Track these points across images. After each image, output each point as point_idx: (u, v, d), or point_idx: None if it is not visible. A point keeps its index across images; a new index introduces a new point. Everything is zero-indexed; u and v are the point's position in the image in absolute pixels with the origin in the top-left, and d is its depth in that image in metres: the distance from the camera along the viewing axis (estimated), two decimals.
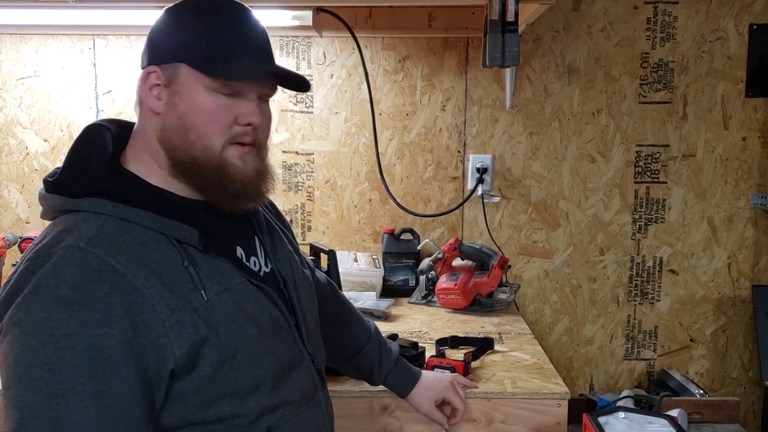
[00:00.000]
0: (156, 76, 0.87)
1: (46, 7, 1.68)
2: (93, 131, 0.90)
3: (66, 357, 0.72)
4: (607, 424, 1.30)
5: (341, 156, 2.13)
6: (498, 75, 2.10)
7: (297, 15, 1.70)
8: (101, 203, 0.82)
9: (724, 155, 2.11)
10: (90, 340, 0.73)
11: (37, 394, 0.72)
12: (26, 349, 0.73)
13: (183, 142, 0.86)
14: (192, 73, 0.86)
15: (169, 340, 0.78)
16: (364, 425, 1.32)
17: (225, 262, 0.88)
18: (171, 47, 0.87)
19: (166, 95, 0.87)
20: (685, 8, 2.05)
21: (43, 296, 0.74)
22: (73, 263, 0.76)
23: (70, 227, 0.80)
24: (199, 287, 0.83)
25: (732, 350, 2.18)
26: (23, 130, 2.11)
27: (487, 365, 1.47)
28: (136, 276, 0.78)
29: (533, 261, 2.16)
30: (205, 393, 0.82)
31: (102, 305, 0.75)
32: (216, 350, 0.81)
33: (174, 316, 0.79)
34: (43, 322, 0.73)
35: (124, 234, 0.81)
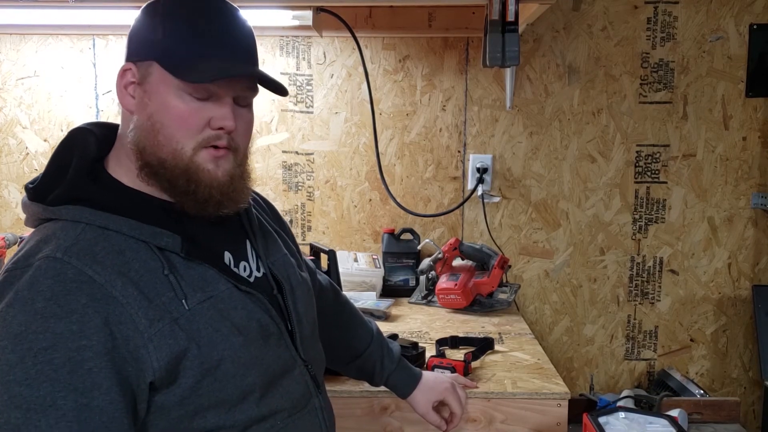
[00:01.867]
0: (131, 74, 0.85)
1: (46, 7, 1.67)
2: (76, 135, 0.88)
3: (45, 371, 0.71)
4: (607, 424, 1.30)
5: (341, 156, 2.13)
6: (498, 75, 2.10)
7: (297, 15, 1.70)
8: (79, 211, 0.81)
9: (724, 155, 2.10)
10: (69, 353, 0.71)
11: (17, 411, 0.70)
12: (4, 365, 0.71)
13: (152, 144, 0.83)
14: (162, 74, 0.83)
15: (147, 352, 0.76)
16: (364, 425, 1.32)
17: (209, 269, 0.85)
18: (145, 44, 0.85)
19: (139, 93, 0.85)
20: (686, 8, 2.05)
21: (20, 309, 0.73)
22: (49, 274, 0.74)
23: (47, 237, 0.79)
24: (180, 296, 0.80)
25: (732, 350, 2.18)
26: (23, 130, 2.11)
27: (487, 365, 1.47)
28: (113, 285, 0.76)
29: (533, 261, 2.16)
30: (188, 405, 0.79)
31: (79, 317, 0.73)
32: (197, 362, 0.79)
33: (153, 327, 0.76)
34: (20, 336, 0.71)
35: (102, 242, 0.79)
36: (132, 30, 0.88)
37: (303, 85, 2.10)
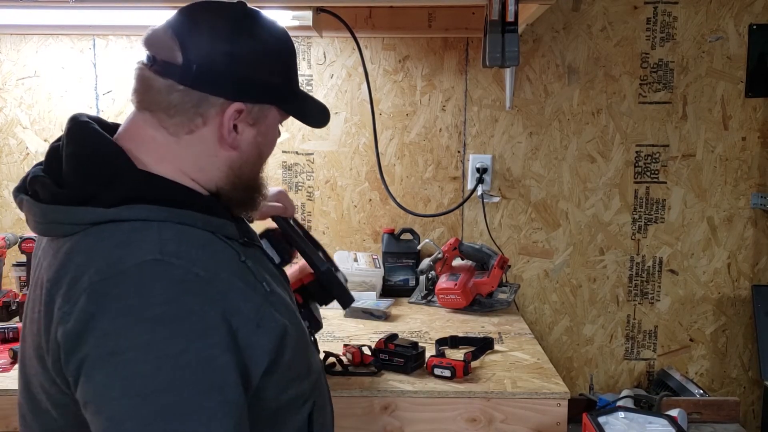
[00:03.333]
0: (241, 114, 0.84)
1: (46, 7, 1.67)
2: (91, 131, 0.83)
3: (185, 376, 0.69)
4: (606, 424, 1.31)
5: (341, 156, 2.13)
6: (498, 75, 2.10)
7: (297, 15, 1.70)
8: (149, 209, 0.77)
9: (723, 155, 2.11)
10: (200, 353, 0.71)
11: (165, 420, 0.68)
12: (138, 377, 0.68)
13: (254, 171, 0.90)
14: (280, 115, 0.89)
15: (258, 338, 0.77)
16: (364, 425, 1.33)
17: (257, 251, 0.91)
18: (263, 88, 0.85)
19: (249, 133, 0.86)
20: (685, 8, 2.05)
21: (135, 319, 0.70)
22: (157, 278, 0.72)
23: (124, 241, 0.74)
24: (261, 279, 0.83)
25: (732, 350, 2.18)
26: (23, 130, 2.12)
27: (487, 365, 1.47)
28: (218, 278, 0.76)
29: (533, 261, 2.16)
30: (281, 382, 0.83)
31: (200, 316, 0.72)
32: (293, 337, 0.83)
33: (258, 313, 0.78)
34: (149, 346, 0.69)
35: (186, 239, 0.77)
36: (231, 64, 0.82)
37: (303, 86, 2.10)
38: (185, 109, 0.82)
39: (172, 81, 0.81)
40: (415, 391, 1.33)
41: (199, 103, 0.81)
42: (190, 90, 0.81)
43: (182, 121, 0.82)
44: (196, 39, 0.81)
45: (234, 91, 0.82)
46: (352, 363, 1.44)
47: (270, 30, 0.87)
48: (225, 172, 0.86)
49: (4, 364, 1.45)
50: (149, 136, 0.84)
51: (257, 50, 0.84)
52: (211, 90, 0.81)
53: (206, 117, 0.82)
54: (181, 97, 0.81)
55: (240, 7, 0.87)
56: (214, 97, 0.82)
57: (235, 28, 0.83)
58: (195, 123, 0.82)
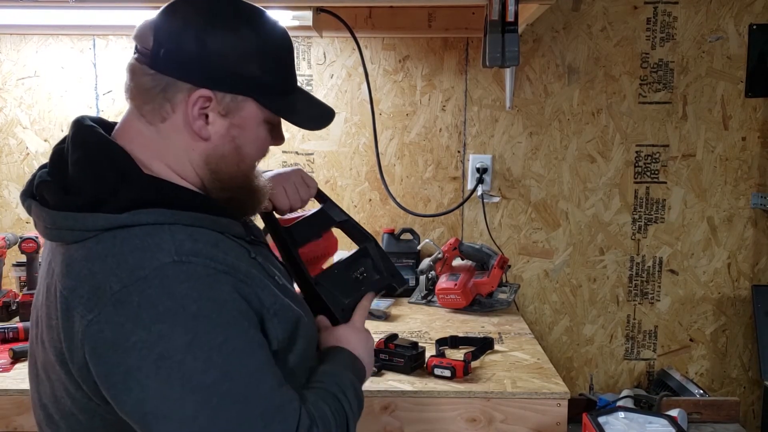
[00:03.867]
0: (210, 102, 0.82)
1: (46, 7, 1.68)
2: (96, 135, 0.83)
3: (237, 360, 0.74)
4: (606, 424, 1.31)
5: (341, 156, 2.13)
6: (498, 75, 2.10)
7: (297, 15, 1.70)
8: (161, 213, 0.78)
9: (723, 155, 2.11)
10: (243, 337, 0.76)
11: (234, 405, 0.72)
12: (193, 375, 0.71)
13: (234, 170, 0.87)
14: (259, 110, 0.85)
15: (273, 326, 0.81)
16: (364, 425, 1.32)
17: (263, 248, 0.92)
18: (237, 78, 0.82)
19: (222, 124, 0.83)
20: (685, 8, 2.05)
21: (173, 321, 0.72)
22: (181, 278, 0.73)
23: (139, 246, 0.75)
24: (273, 274, 0.86)
25: (732, 350, 2.18)
26: (23, 130, 2.12)
27: (487, 365, 1.47)
28: (237, 270, 0.78)
29: (533, 261, 2.16)
30: (299, 370, 0.85)
31: (231, 304, 0.76)
32: (307, 328, 0.87)
33: (276, 303, 0.81)
34: (194, 343, 0.72)
35: (199, 239, 0.78)
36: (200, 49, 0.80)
37: (303, 86, 2.10)
38: (155, 94, 0.82)
39: (145, 66, 0.82)
40: (415, 391, 1.33)
41: (166, 88, 0.81)
42: (159, 74, 0.81)
43: (154, 108, 0.82)
44: (168, 25, 0.82)
45: (202, 77, 0.81)
46: None
47: (259, 24, 0.85)
48: (203, 168, 0.85)
49: (4, 364, 1.45)
50: (136, 129, 0.84)
51: (233, 40, 0.82)
52: (177, 74, 0.81)
53: (174, 103, 0.81)
54: (151, 81, 0.81)
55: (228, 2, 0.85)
56: (181, 83, 0.81)
57: (214, 18, 0.82)
58: (165, 109, 0.82)
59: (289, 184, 1.12)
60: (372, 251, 1.10)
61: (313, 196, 1.16)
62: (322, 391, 0.85)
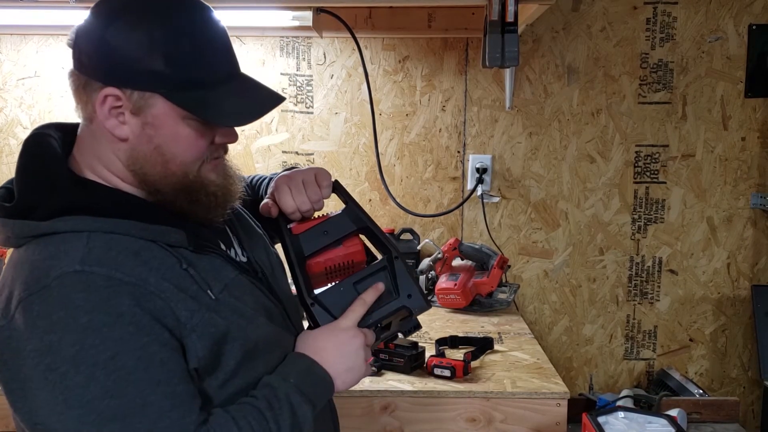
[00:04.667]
0: (119, 101, 0.78)
1: (46, 7, 1.68)
2: (37, 142, 0.83)
3: (122, 377, 0.71)
4: (606, 424, 1.31)
5: (341, 156, 2.13)
6: (498, 75, 2.10)
7: (297, 15, 1.70)
8: (79, 220, 0.77)
9: (723, 155, 2.11)
10: (137, 353, 0.72)
11: (112, 423, 0.70)
12: (75, 388, 0.69)
13: (161, 172, 0.81)
14: (170, 106, 0.79)
15: (192, 342, 0.77)
16: (364, 425, 1.33)
17: (216, 258, 0.85)
18: (139, 73, 0.77)
19: (135, 124, 0.79)
20: (685, 8, 2.06)
21: (63, 331, 0.70)
22: (78, 288, 0.72)
23: (52, 253, 0.74)
24: (204, 287, 0.80)
25: (731, 350, 2.18)
26: (24, 130, 2.12)
27: (486, 365, 1.47)
28: (147, 282, 0.75)
29: (533, 261, 2.16)
30: (228, 388, 0.81)
31: (130, 317, 0.72)
32: (238, 344, 0.81)
33: (194, 318, 0.77)
34: (78, 356, 0.70)
35: (115, 247, 0.76)
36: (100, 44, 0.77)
37: (303, 86, 2.10)
38: (78, 93, 0.81)
39: (72, 68, 0.82)
40: (415, 391, 1.33)
41: (84, 87, 0.80)
42: (78, 74, 0.81)
43: (80, 107, 0.82)
44: (83, 26, 0.80)
45: (108, 74, 0.78)
46: None
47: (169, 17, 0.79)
48: (129, 168, 0.82)
49: None
50: (82, 133, 0.84)
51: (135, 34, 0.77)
52: (89, 73, 0.79)
53: (91, 102, 0.79)
54: (74, 81, 0.81)
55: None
56: (93, 81, 0.79)
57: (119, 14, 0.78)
58: (87, 109, 0.81)
59: (294, 184, 1.01)
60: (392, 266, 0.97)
61: (326, 197, 1.04)
62: (246, 407, 0.79)
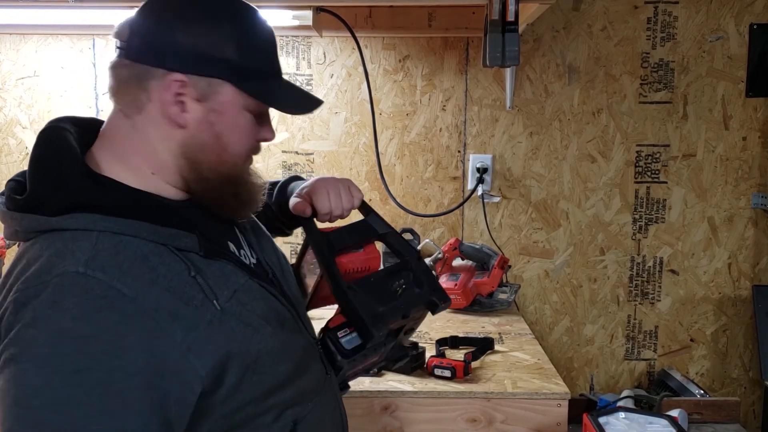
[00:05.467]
0: (184, 87, 0.79)
1: (46, 7, 1.68)
2: (54, 135, 0.81)
3: (75, 395, 0.66)
4: (607, 424, 1.30)
5: (341, 156, 2.13)
6: (498, 75, 2.10)
7: (297, 15, 1.70)
8: (89, 218, 0.75)
9: (724, 155, 2.10)
10: (100, 375, 0.67)
11: None
12: (27, 389, 0.66)
13: (215, 161, 0.83)
14: (237, 94, 0.81)
15: (189, 362, 0.72)
16: (364, 425, 1.32)
17: (227, 264, 0.83)
18: (210, 59, 0.79)
19: (198, 110, 0.80)
20: (686, 8, 2.05)
21: (43, 330, 0.68)
22: (74, 292, 0.69)
23: (60, 250, 0.72)
24: (211, 297, 0.77)
25: (732, 350, 2.18)
26: (23, 130, 2.11)
27: (487, 365, 1.47)
28: (145, 298, 0.72)
29: (533, 261, 2.16)
30: (230, 403, 0.78)
31: (112, 336, 0.68)
32: (238, 360, 0.77)
33: (189, 336, 0.73)
34: (46, 359, 0.67)
35: (123, 250, 0.74)
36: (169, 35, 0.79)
37: (303, 85, 2.09)
38: (131, 84, 0.80)
39: (121, 58, 0.81)
40: (415, 392, 1.33)
41: (141, 76, 0.79)
42: (134, 63, 0.80)
43: (132, 99, 0.81)
44: (143, 16, 0.81)
45: (173, 60, 0.79)
46: None
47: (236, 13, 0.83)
48: (181, 157, 0.82)
49: None
50: (114, 127, 0.83)
51: (209, 25, 0.80)
52: (151, 61, 0.79)
53: (149, 91, 0.79)
54: (127, 71, 0.80)
55: None
56: (155, 69, 0.79)
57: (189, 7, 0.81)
58: (141, 99, 0.80)
59: (333, 188, 1.06)
60: (414, 265, 1.02)
61: (356, 206, 1.08)
62: None
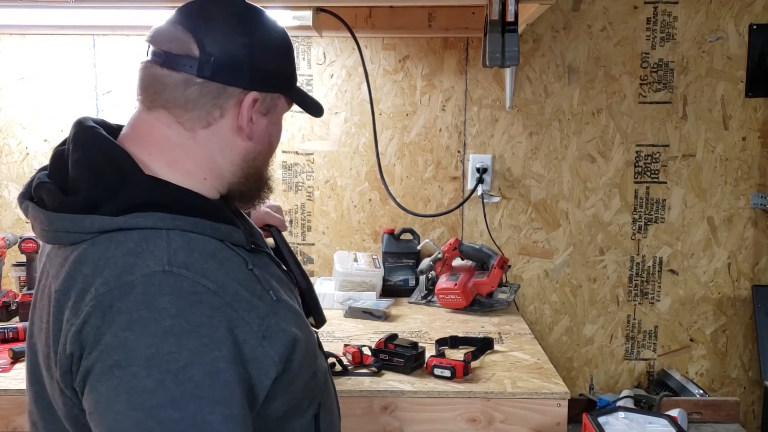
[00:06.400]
0: (257, 103, 0.85)
1: (46, 6, 1.68)
2: (98, 137, 0.81)
3: (188, 390, 0.69)
4: (607, 424, 1.31)
5: (341, 156, 2.13)
6: (498, 75, 2.10)
7: (297, 15, 1.70)
8: (157, 217, 0.76)
9: (724, 155, 2.11)
10: (205, 367, 0.70)
11: None
12: (141, 391, 0.68)
13: (264, 164, 0.92)
14: (285, 104, 0.91)
15: (264, 350, 0.76)
16: (364, 425, 1.32)
17: (264, 257, 0.89)
18: (275, 77, 0.87)
19: (263, 123, 0.87)
20: (685, 8, 2.05)
21: (144, 331, 0.69)
22: (165, 290, 0.71)
23: (133, 250, 0.73)
24: (267, 287, 0.82)
25: (732, 350, 2.18)
26: (23, 130, 2.11)
27: (487, 365, 1.47)
28: (226, 291, 0.75)
29: (533, 261, 2.16)
30: (292, 388, 0.82)
31: (207, 329, 0.71)
32: (301, 345, 0.81)
33: (264, 324, 0.77)
34: (153, 359, 0.68)
35: (196, 247, 0.76)
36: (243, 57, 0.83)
37: (303, 86, 2.09)
38: (203, 102, 0.82)
39: (189, 75, 0.81)
40: (415, 391, 1.33)
41: (218, 95, 0.82)
42: (209, 82, 0.81)
43: (200, 115, 0.83)
44: (210, 32, 0.82)
45: (250, 80, 0.84)
46: (352, 363, 1.44)
47: (271, 23, 0.90)
48: (239, 165, 0.87)
49: (4, 364, 1.45)
50: (161, 135, 0.83)
51: (268, 41, 0.87)
52: (229, 80, 0.82)
53: (224, 108, 0.83)
54: (199, 89, 0.81)
55: (239, 2, 0.89)
56: (231, 88, 0.83)
57: (245, 20, 0.86)
58: (213, 115, 0.83)
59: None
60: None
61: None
62: None
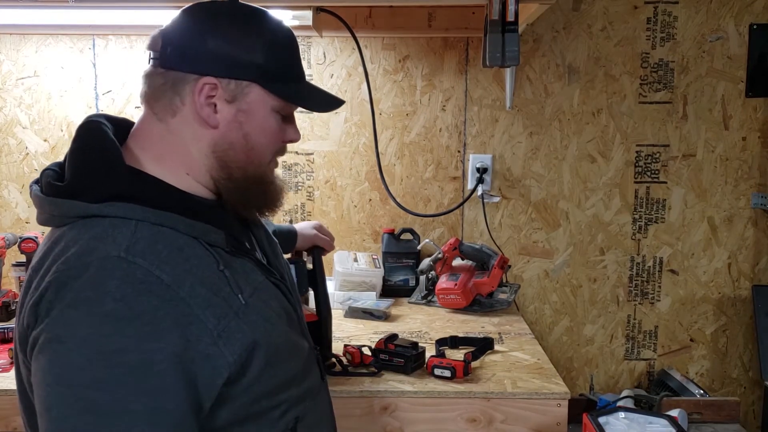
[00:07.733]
0: (216, 90, 0.85)
1: (46, 7, 1.67)
2: (96, 129, 0.85)
3: (116, 375, 0.70)
4: (607, 424, 1.31)
5: (341, 156, 2.13)
6: (498, 75, 2.10)
7: (297, 15, 1.70)
8: (130, 207, 0.79)
9: (724, 155, 2.10)
10: (140, 356, 0.71)
11: (87, 415, 0.69)
12: (71, 368, 0.70)
13: (242, 160, 0.88)
14: (264, 95, 0.87)
15: (218, 349, 0.76)
16: (364, 425, 1.32)
17: (248, 262, 0.88)
18: (238, 63, 0.85)
19: (228, 111, 0.86)
20: (685, 8, 2.05)
21: (86, 311, 0.71)
22: (116, 275, 0.73)
23: (99, 235, 0.76)
24: (236, 291, 0.82)
25: (732, 350, 2.18)
26: (23, 130, 2.11)
27: (487, 365, 1.47)
28: (181, 286, 0.76)
29: (533, 261, 2.16)
30: (250, 393, 0.81)
31: (150, 318, 0.72)
32: (262, 351, 0.81)
33: (221, 324, 0.77)
34: (89, 339, 0.70)
35: (162, 240, 0.78)
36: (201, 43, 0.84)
37: None
38: (165, 90, 0.85)
39: (155, 67, 0.87)
40: (415, 392, 1.33)
41: (175, 82, 0.85)
42: (168, 71, 0.85)
43: (166, 104, 0.86)
44: (174, 26, 0.87)
45: (205, 66, 0.84)
46: (352, 363, 1.43)
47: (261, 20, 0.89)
48: (211, 157, 0.87)
49: (4, 365, 1.45)
50: (147, 130, 0.88)
51: (236, 32, 0.86)
52: (183, 67, 0.85)
53: (183, 95, 0.85)
54: (162, 78, 0.85)
55: (232, 3, 0.89)
56: (188, 74, 0.84)
57: (217, 16, 0.87)
58: (175, 104, 0.85)
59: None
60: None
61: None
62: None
